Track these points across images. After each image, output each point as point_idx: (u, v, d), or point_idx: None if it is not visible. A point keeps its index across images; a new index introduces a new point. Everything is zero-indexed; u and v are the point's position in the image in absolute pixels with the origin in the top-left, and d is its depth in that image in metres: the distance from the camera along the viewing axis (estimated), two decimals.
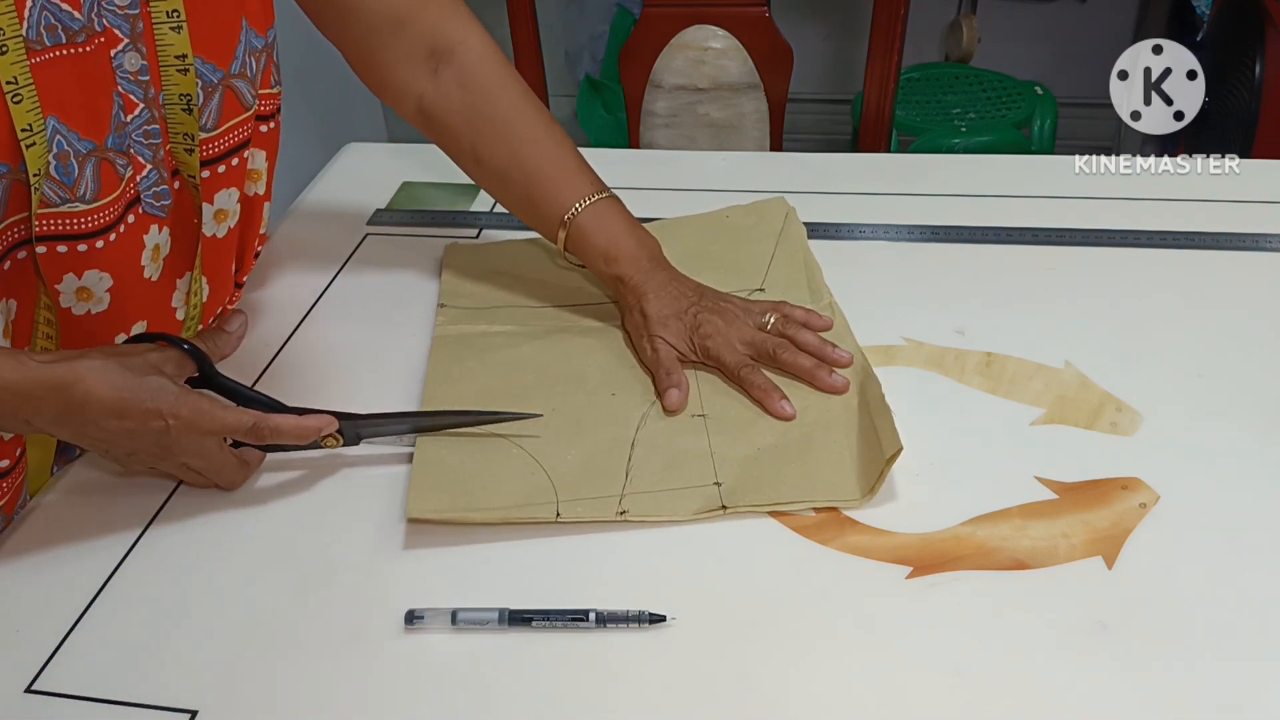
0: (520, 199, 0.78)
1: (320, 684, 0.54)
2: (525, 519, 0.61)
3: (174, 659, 0.55)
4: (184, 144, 0.66)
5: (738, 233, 0.87)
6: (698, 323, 0.72)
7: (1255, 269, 0.82)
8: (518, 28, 1.33)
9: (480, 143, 0.77)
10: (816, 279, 0.81)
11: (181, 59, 0.64)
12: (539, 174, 0.76)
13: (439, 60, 0.77)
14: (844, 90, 2.30)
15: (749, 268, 0.82)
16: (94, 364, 0.57)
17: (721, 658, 0.54)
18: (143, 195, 0.65)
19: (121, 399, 0.57)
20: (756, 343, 0.72)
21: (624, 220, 0.76)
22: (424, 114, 0.78)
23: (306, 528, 0.63)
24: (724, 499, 0.63)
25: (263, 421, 0.61)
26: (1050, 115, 1.91)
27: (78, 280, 0.62)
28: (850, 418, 0.68)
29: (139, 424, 0.58)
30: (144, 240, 0.65)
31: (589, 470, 0.65)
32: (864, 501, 0.62)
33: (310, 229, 0.93)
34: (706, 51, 1.35)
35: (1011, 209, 0.91)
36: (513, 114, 0.77)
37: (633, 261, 0.74)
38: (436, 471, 0.64)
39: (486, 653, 0.55)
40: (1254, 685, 0.51)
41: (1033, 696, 0.51)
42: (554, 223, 0.76)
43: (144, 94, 0.63)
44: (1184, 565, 0.58)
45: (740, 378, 0.70)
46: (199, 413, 0.59)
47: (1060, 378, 0.71)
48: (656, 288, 0.74)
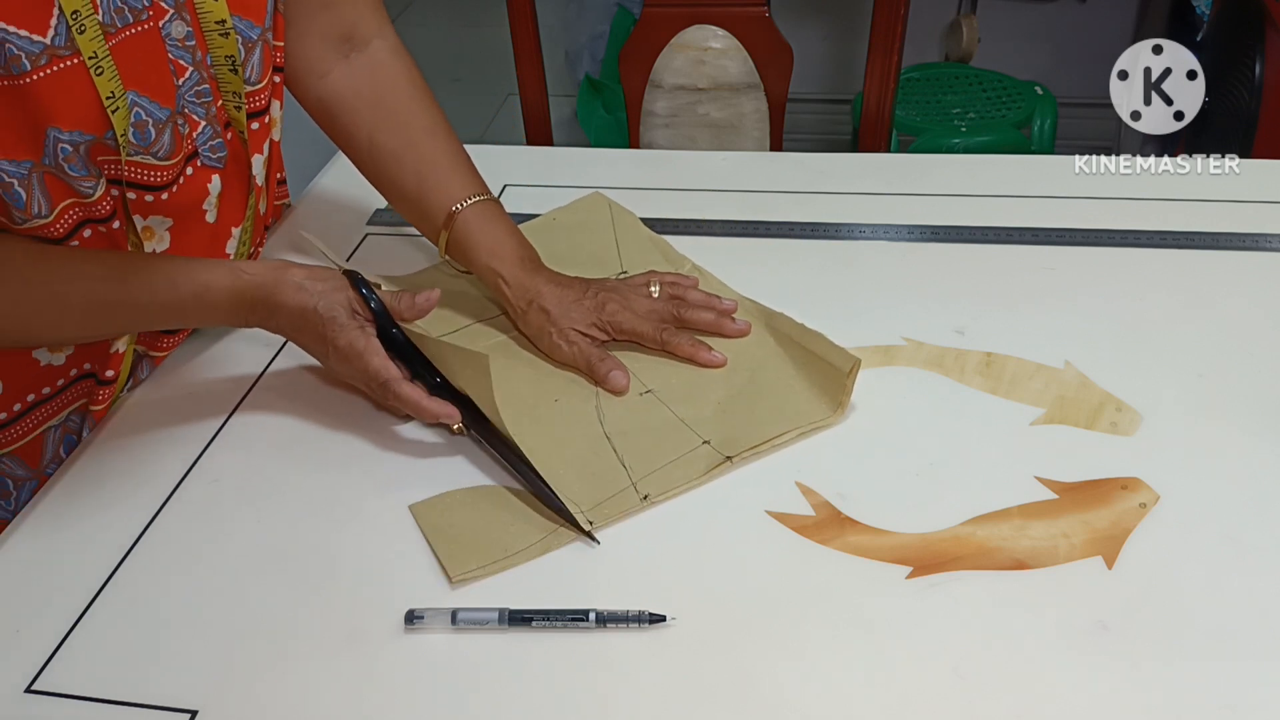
0: (411, 187, 0.79)
1: (320, 684, 0.54)
2: (564, 542, 0.61)
3: (174, 659, 0.55)
4: (234, 101, 0.73)
5: (572, 230, 0.89)
6: (600, 303, 0.75)
7: (1255, 269, 0.82)
8: (518, 28, 1.32)
9: (379, 130, 0.79)
10: (669, 250, 0.84)
11: (221, 24, 0.69)
12: (434, 165, 0.78)
13: (352, 47, 0.80)
14: (844, 90, 2.29)
15: (602, 256, 0.84)
16: (294, 280, 0.67)
17: (721, 658, 0.54)
18: (200, 149, 0.71)
19: (302, 316, 0.67)
20: (658, 310, 0.76)
21: (508, 223, 0.78)
22: (330, 97, 0.80)
23: (306, 528, 0.63)
24: (723, 451, 0.65)
25: (392, 384, 0.66)
26: (1050, 115, 1.91)
27: (143, 220, 0.69)
28: (779, 352, 0.72)
29: (309, 338, 0.68)
30: (207, 188, 0.72)
31: (589, 476, 0.65)
32: (838, 416, 0.67)
33: (311, 228, 0.93)
34: (706, 51, 1.35)
35: (1011, 209, 0.91)
36: (415, 108, 0.80)
37: (517, 262, 0.76)
38: (451, 534, 0.62)
39: (486, 653, 0.55)
40: (1254, 685, 0.51)
41: (1033, 696, 0.51)
42: (440, 213, 0.77)
43: (192, 58, 0.68)
44: (1184, 565, 0.58)
45: (664, 341, 0.74)
46: (352, 350, 0.66)
47: (1060, 378, 0.71)
48: (547, 283, 0.76)
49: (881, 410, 0.70)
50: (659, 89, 1.39)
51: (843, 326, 0.76)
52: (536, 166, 1.03)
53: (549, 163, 1.05)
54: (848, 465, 0.65)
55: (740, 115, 1.38)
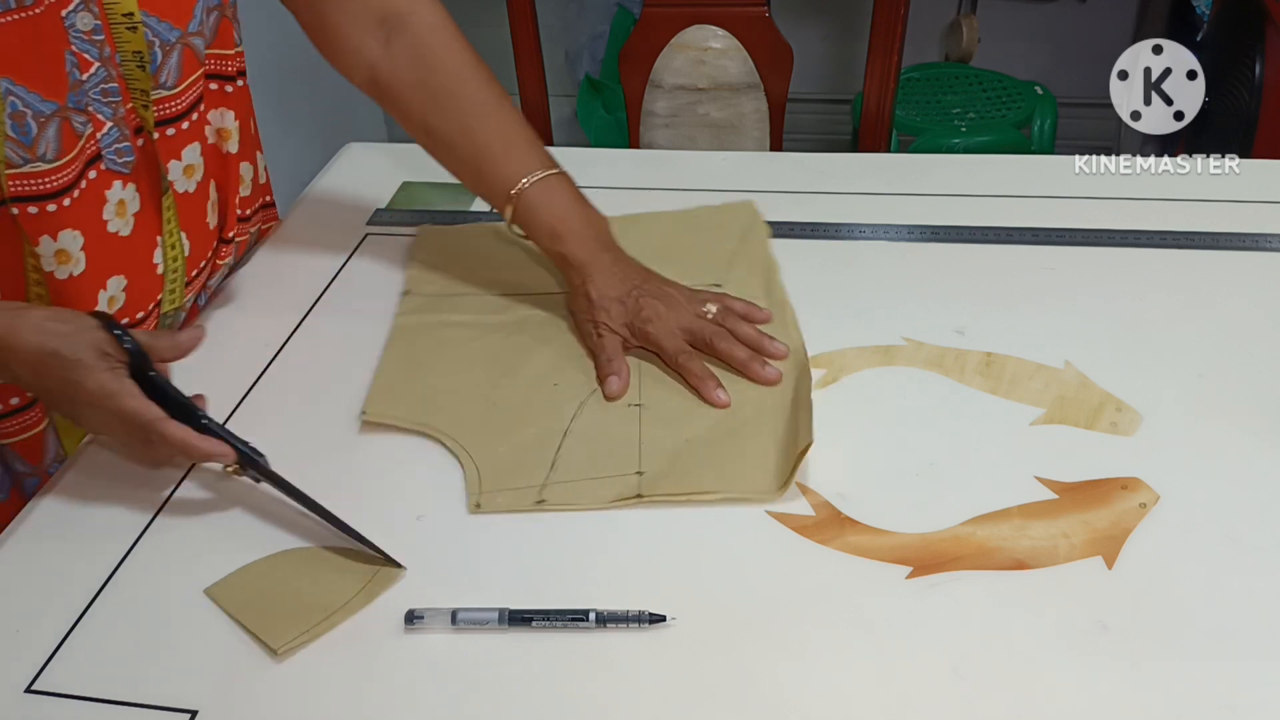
0: (470, 171, 0.78)
1: (320, 684, 0.54)
2: (389, 584, 0.59)
3: (174, 659, 0.55)
4: (141, 100, 0.68)
5: (703, 231, 0.88)
6: (639, 306, 0.73)
7: (1255, 269, 0.82)
8: (518, 28, 1.33)
9: (431, 114, 0.77)
10: (773, 278, 0.81)
11: (129, 16, 0.65)
12: (489, 148, 0.76)
13: (390, 29, 0.78)
14: (844, 90, 2.29)
15: (710, 263, 0.83)
16: (32, 321, 0.59)
17: (721, 658, 0.54)
18: (104, 152, 0.67)
19: (41, 360, 0.59)
20: (695, 330, 0.72)
21: (572, 197, 0.76)
22: (376, 84, 0.78)
23: (306, 527, 0.63)
24: (641, 488, 0.64)
25: (155, 424, 0.60)
26: (1050, 115, 1.91)
27: (54, 242, 0.64)
28: (781, 413, 0.69)
29: (53, 385, 0.60)
30: (106, 196, 0.67)
31: (516, 462, 0.66)
32: (778, 495, 0.62)
33: (310, 228, 0.93)
34: (706, 51, 1.35)
35: (1011, 209, 0.91)
36: (464, 86, 0.77)
37: (579, 240, 0.75)
38: (260, 608, 0.59)
39: (486, 653, 0.55)
40: (1254, 685, 0.51)
41: (1032, 696, 0.51)
42: (502, 196, 0.76)
43: (99, 53, 0.65)
44: (1184, 565, 0.58)
45: (678, 364, 0.71)
46: (104, 394, 0.59)
47: (1060, 378, 0.71)
48: (602, 269, 0.74)
49: (881, 410, 0.70)
50: (659, 89, 1.39)
51: (843, 326, 0.76)
52: None
53: None
54: (848, 465, 0.65)
55: (740, 115, 1.38)
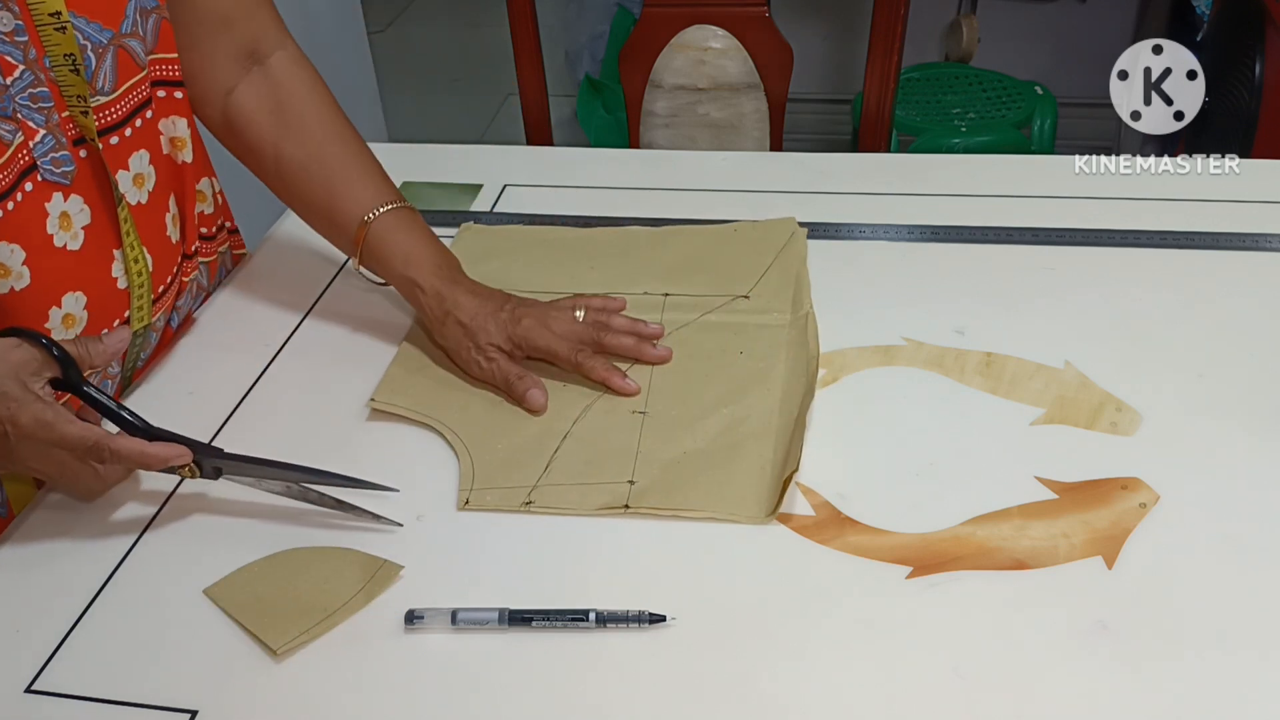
0: (319, 199, 0.77)
1: (320, 684, 0.54)
2: (385, 586, 0.59)
3: (174, 659, 0.56)
4: (79, 106, 0.64)
5: (741, 245, 0.87)
6: (516, 318, 0.72)
7: (1255, 269, 0.82)
8: (518, 28, 1.32)
9: (285, 140, 0.76)
10: (802, 293, 0.80)
11: (56, 16, 0.61)
12: (343, 174, 0.76)
13: (254, 61, 0.78)
14: (844, 90, 2.30)
15: (740, 277, 0.82)
16: None
17: (721, 658, 0.54)
18: (39, 162, 0.63)
19: None
20: (577, 332, 0.73)
21: (426, 230, 0.77)
22: (232, 108, 0.77)
23: (306, 527, 0.63)
24: (630, 498, 0.63)
25: (105, 442, 0.57)
26: (1050, 115, 1.91)
27: None
28: (784, 432, 0.67)
29: None
30: (46, 209, 0.63)
31: (511, 460, 0.66)
32: (766, 520, 0.61)
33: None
34: (706, 51, 1.35)
35: (1011, 209, 0.91)
36: (321, 116, 0.78)
37: (434, 269, 0.74)
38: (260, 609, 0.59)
39: (486, 653, 0.55)
40: (1254, 685, 0.51)
41: (1033, 696, 0.51)
42: (352, 222, 0.75)
43: (23, 55, 0.61)
44: (1184, 565, 0.58)
45: (578, 363, 0.71)
46: (40, 424, 0.56)
47: (1060, 378, 0.71)
48: (464, 293, 0.73)
49: (881, 410, 0.70)
50: (659, 89, 1.39)
51: (843, 326, 0.76)
52: (536, 166, 1.03)
53: (549, 163, 1.05)
54: (848, 465, 0.65)
55: (740, 115, 1.38)
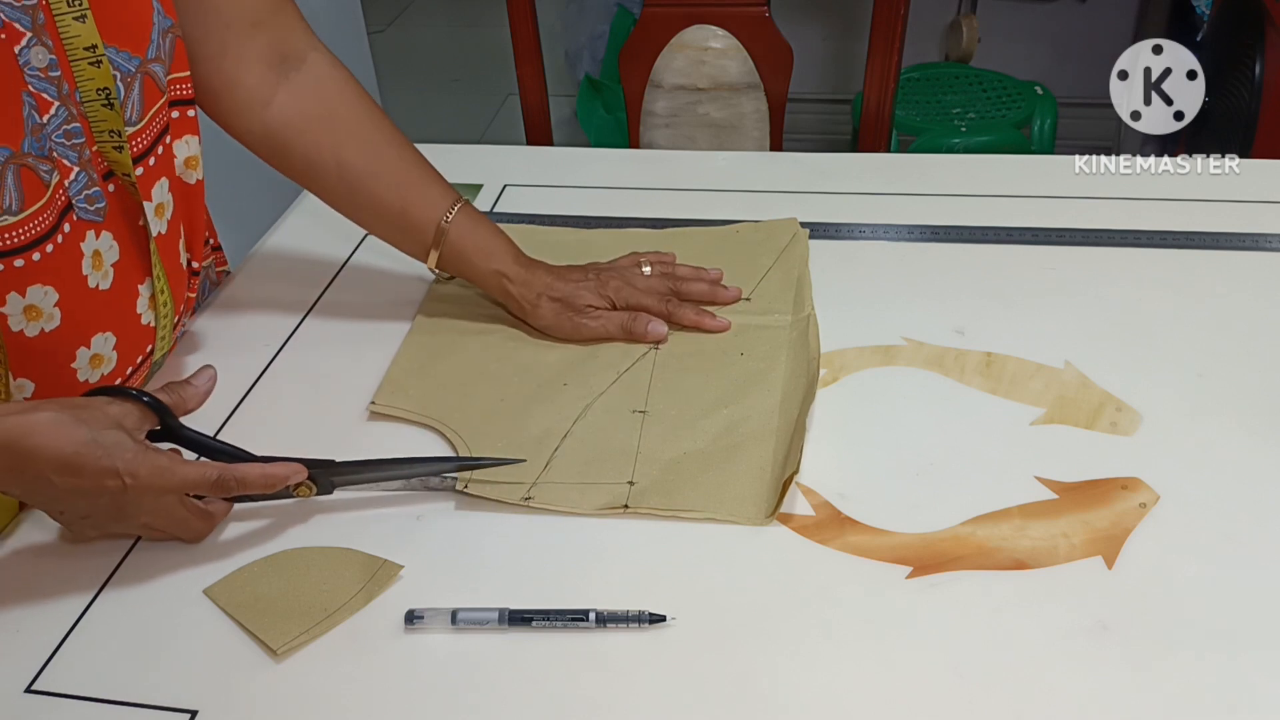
0: (392, 206, 0.76)
1: (320, 684, 0.54)
2: (385, 586, 0.59)
3: (174, 659, 0.55)
4: (112, 141, 0.63)
5: (741, 247, 0.87)
6: (603, 281, 0.77)
7: (1255, 269, 0.82)
8: (518, 28, 1.33)
9: (344, 148, 0.75)
10: (803, 294, 0.80)
11: (92, 50, 0.60)
12: (409, 179, 0.77)
13: (290, 66, 0.75)
14: (844, 90, 2.30)
15: (741, 278, 0.82)
16: (46, 416, 0.53)
17: (721, 658, 0.54)
18: (74, 201, 0.61)
19: (76, 454, 0.53)
20: (656, 286, 0.78)
21: (489, 221, 0.79)
22: (277, 121, 0.74)
23: (306, 527, 0.63)
24: (629, 499, 0.63)
25: (227, 473, 0.58)
26: (1050, 115, 1.91)
27: (22, 299, 0.59)
28: (784, 435, 0.67)
29: (93, 483, 0.54)
30: (81, 248, 0.62)
31: (510, 456, 0.66)
32: (766, 521, 0.61)
33: (311, 227, 0.93)
34: (706, 51, 1.35)
35: (1011, 209, 0.91)
36: (374, 121, 0.77)
37: (514, 258, 0.77)
38: (260, 608, 0.59)
39: (486, 653, 0.55)
40: (1254, 685, 0.51)
41: (1033, 696, 0.51)
42: (429, 226, 0.76)
43: (58, 91, 0.59)
44: (1184, 565, 0.58)
45: (669, 313, 0.76)
46: (159, 471, 0.55)
47: (1060, 378, 0.71)
48: (547, 274, 0.77)
49: (881, 410, 0.70)
50: (659, 89, 1.39)
51: (843, 326, 0.76)
52: (536, 166, 1.03)
53: (549, 163, 1.05)
54: (848, 465, 0.65)
55: (740, 115, 1.38)
